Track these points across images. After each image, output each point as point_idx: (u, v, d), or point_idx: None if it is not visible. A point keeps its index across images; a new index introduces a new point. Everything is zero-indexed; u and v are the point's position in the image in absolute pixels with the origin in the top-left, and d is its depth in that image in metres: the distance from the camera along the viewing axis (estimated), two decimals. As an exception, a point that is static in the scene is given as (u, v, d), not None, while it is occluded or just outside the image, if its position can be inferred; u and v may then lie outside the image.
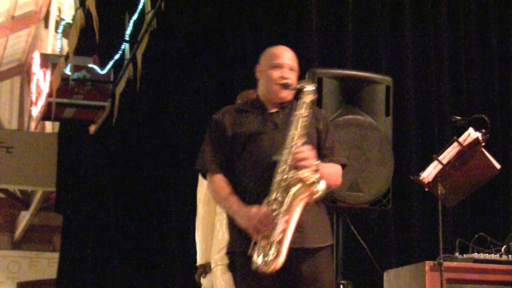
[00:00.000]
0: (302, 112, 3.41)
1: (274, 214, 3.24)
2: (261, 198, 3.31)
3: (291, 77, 3.55)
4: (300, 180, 3.25)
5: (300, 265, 3.38)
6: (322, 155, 3.51)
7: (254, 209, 3.27)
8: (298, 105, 3.43)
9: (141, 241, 8.27)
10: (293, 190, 3.25)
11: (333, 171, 3.52)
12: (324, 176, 3.32)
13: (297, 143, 3.34)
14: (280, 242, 3.22)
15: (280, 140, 3.41)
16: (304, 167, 3.29)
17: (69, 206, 10.68)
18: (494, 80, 6.63)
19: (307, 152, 3.33)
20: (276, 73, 3.55)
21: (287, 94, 3.56)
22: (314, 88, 3.48)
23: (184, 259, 6.81)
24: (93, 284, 9.60)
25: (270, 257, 3.21)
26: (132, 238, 8.48)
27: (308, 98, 3.45)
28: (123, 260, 8.70)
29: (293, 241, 3.31)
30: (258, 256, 3.23)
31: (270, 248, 3.23)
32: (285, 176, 3.28)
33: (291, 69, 3.58)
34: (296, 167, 3.29)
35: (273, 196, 3.27)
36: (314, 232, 3.40)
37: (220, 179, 3.47)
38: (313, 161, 3.33)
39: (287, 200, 3.25)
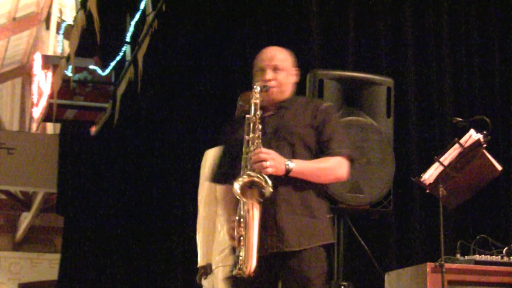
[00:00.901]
0: (251, 116, 3.41)
1: (236, 222, 3.32)
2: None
3: (274, 77, 3.53)
4: (248, 183, 3.29)
5: (285, 269, 3.40)
6: (320, 150, 3.51)
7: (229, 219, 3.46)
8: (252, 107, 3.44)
9: (142, 243, 8.27)
10: (245, 195, 3.30)
11: (321, 166, 3.48)
12: (298, 173, 3.36)
13: (252, 147, 3.36)
14: (246, 248, 3.27)
15: (267, 145, 3.42)
16: (259, 168, 3.31)
17: (70, 207, 10.68)
18: (496, 82, 6.62)
19: (260, 155, 3.33)
20: (257, 78, 3.55)
21: (273, 96, 3.54)
22: (259, 87, 3.46)
23: (185, 261, 6.81)
24: (94, 285, 9.60)
25: (240, 262, 3.28)
26: (133, 239, 8.48)
27: (254, 99, 3.44)
28: (124, 261, 8.71)
29: (271, 246, 3.36)
30: (234, 262, 3.32)
31: (240, 254, 3.29)
32: (242, 182, 3.31)
33: (275, 68, 3.56)
34: (252, 171, 3.32)
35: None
36: (296, 235, 3.39)
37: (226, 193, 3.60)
38: (269, 162, 3.32)
39: (242, 206, 3.31)
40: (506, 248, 4.65)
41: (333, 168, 3.50)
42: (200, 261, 4.53)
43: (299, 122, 3.51)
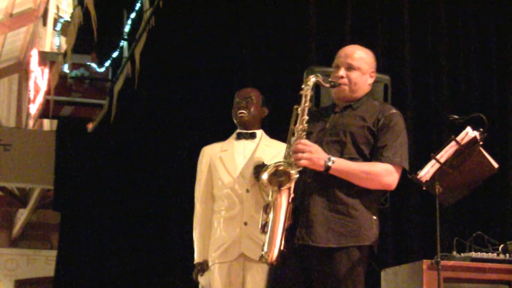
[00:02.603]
0: (298, 106, 3.43)
1: (263, 209, 3.32)
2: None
3: (347, 75, 3.56)
4: (275, 172, 3.30)
5: (311, 264, 3.38)
6: (373, 154, 3.47)
7: None
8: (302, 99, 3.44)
9: (139, 239, 8.27)
10: (272, 183, 3.31)
11: (365, 169, 3.42)
12: (338, 171, 3.35)
13: (295, 138, 3.37)
14: (270, 235, 3.27)
15: (323, 138, 3.46)
16: (294, 159, 3.31)
17: (67, 204, 10.68)
18: (493, 79, 6.63)
19: (298, 146, 3.34)
20: (332, 74, 3.59)
21: (343, 93, 3.57)
22: (313, 79, 3.47)
23: (182, 257, 6.81)
24: (91, 282, 9.60)
25: (265, 249, 3.27)
26: (130, 236, 8.48)
27: (305, 91, 3.45)
28: (121, 258, 8.70)
29: (299, 237, 3.35)
30: (262, 249, 3.30)
31: (265, 242, 3.29)
32: (268, 171, 3.32)
33: (349, 67, 3.57)
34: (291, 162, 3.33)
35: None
36: (324, 231, 3.36)
37: None
38: (306, 154, 3.32)
39: (270, 193, 3.31)
40: (502, 245, 4.65)
41: (379, 174, 3.44)
42: (197, 258, 4.54)
43: (358, 123, 3.50)
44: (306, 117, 3.39)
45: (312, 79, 3.47)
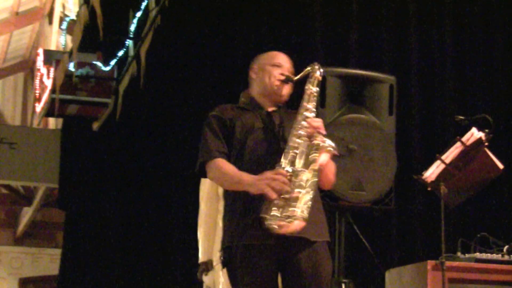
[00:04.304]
0: (311, 88, 3.47)
1: (289, 174, 3.23)
2: None
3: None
4: (317, 145, 3.27)
5: (299, 256, 3.37)
6: None
7: (268, 171, 3.25)
8: (308, 81, 3.49)
9: (144, 238, 8.28)
10: (312, 154, 3.27)
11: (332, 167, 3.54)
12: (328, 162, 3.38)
13: (308, 115, 3.39)
14: (299, 203, 3.19)
15: (282, 135, 3.45)
16: (318, 134, 3.32)
17: (71, 202, 10.69)
18: (498, 80, 6.62)
19: (320, 122, 3.37)
20: (276, 71, 3.59)
21: (287, 92, 3.59)
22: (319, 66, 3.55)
23: (186, 256, 6.82)
24: (95, 280, 9.61)
25: (289, 214, 3.17)
26: (135, 234, 8.49)
27: (318, 76, 3.52)
28: (125, 256, 8.71)
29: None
30: (272, 216, 3.17)
31: (288, 208, 3.18)
32: (299, 142, 3.30)
33: (288, 71, 3.62)
34: (309, 136, 3.32)
35: (285, 161, 3.27)
36: (312, 226, 3.36)
37: (225, 162, 3.43)
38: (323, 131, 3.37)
39: (307, 164, 3.26)
40: (507, 246, 4.65)
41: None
42: (201, 257, 4.55)
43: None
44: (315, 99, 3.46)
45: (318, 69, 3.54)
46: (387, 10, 6.49)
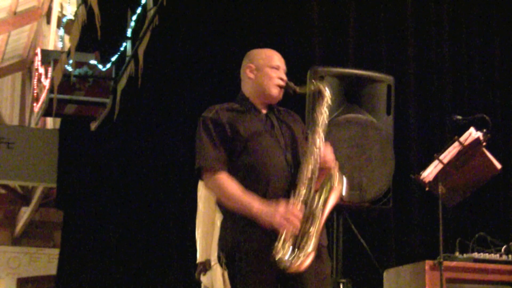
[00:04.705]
0: (326, 112, 3.46)
1: (304, 212, 3.24)
2: (272, 194, 3.29)
3: (285, 79, 3.58)
4: (330, 182, 3.31)
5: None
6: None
7: (282, 206, 3.21)
8: (320, 102, 3.46)
9: (141, 238, 8.28)
10: (325, 192, 3.30)
11: None
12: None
13: (321, 146, 3.37)
14: (308, 239, 3.21)
15: (280, 137, 3.44)
16: (330, 167, 3.34)
17: (69, 202, 10.68)
18: (496, 80, 6.63)
19: (332, 154, 3.38)
20: (275, 74, 3.56)
21: (280, 95, 3.57)
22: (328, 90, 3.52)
23: (184, 256, 6.81)
24: (93, 280, 9.60)
25: (301, 254, 3.18)
26: (133, 234, 8.49)
27: (328, 98, 3.48)
28: (123, 256, 8.71)
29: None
30: (285, 253, 3.17)
31: (302, 244, 3.20)
32: (311, 176, 3.30)
33: (284, 72, 3.61)
34: (321, 168, 3.33)
35: (299, 194, 3.27)
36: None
37: (228, 177, 3.36)
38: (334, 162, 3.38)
39: (319, 201, 3.28)
40: (504, 246, 4.65)
41: None
42: (199, 257, 4.54)
43: (294, 126, 3.56)
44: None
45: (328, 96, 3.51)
46: (385, 10, 6.49)
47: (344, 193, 3.34)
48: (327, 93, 3.49)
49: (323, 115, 3.45)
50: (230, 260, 3.38)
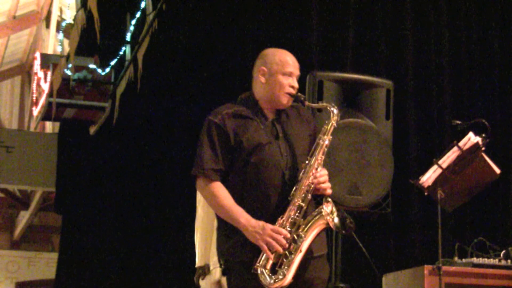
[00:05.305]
0: (325, 138, 3.46)
1: (289, 234, 3.29)
2: (269, 211, 3.34)
3: (297, 87, 3.58)
4: (320, 212, 3.35)
5: (299, 273, 3.37)
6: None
7: (267, 226, 3.27)
8: (324, 129, 3.48)
9: (140, 242, 8.27)
10: (313, 217, 3.34)
11: None
12: None
13: (317, 169, 3.40)
14: (290, 263, 3.27)
15: (283, 150, 3.45)
16: (323, 191, 3.39)
17: (68, 206, 10.66)
18: (495, 85, 6.63)
19: (326, 177, 3.41)
20: (287, 81, 3.54)
21: (289, 102, 3.56)
22: (337, 111, 3.53)
23: (183, 261, 6.81)
24: (91, 284, 9.59)
25: (280, 276, 3.26)
26: (131, 239, 8.48)
27: (334, 121, 3.49)
28: (122, 261, 8.70)
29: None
30: (265, 273, 3.27)
31: (280, 266, 3.28)
32: (302, 200, 3.34)
33: (297, 78, 3.61)
34: (314, 191, 3.37)
35: (287, 216, 3.33)
36: (315, 241, 3.41)
37: (221, 187, 3.41)
38: (329, 188, 3.41)
39: (305, 225, 3.32)
40: (503, 251, 4.65)
41: None
42: (198, 262, 4.54)
43: (301, 130, 3.56)
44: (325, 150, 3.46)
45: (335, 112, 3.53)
46: (384, 15, 6.50)
47: (336, 221, 3.36)
48: (334, 118, 3.50)
49: (325, 142, 3.46)
50: (227, 266, 3.41)
